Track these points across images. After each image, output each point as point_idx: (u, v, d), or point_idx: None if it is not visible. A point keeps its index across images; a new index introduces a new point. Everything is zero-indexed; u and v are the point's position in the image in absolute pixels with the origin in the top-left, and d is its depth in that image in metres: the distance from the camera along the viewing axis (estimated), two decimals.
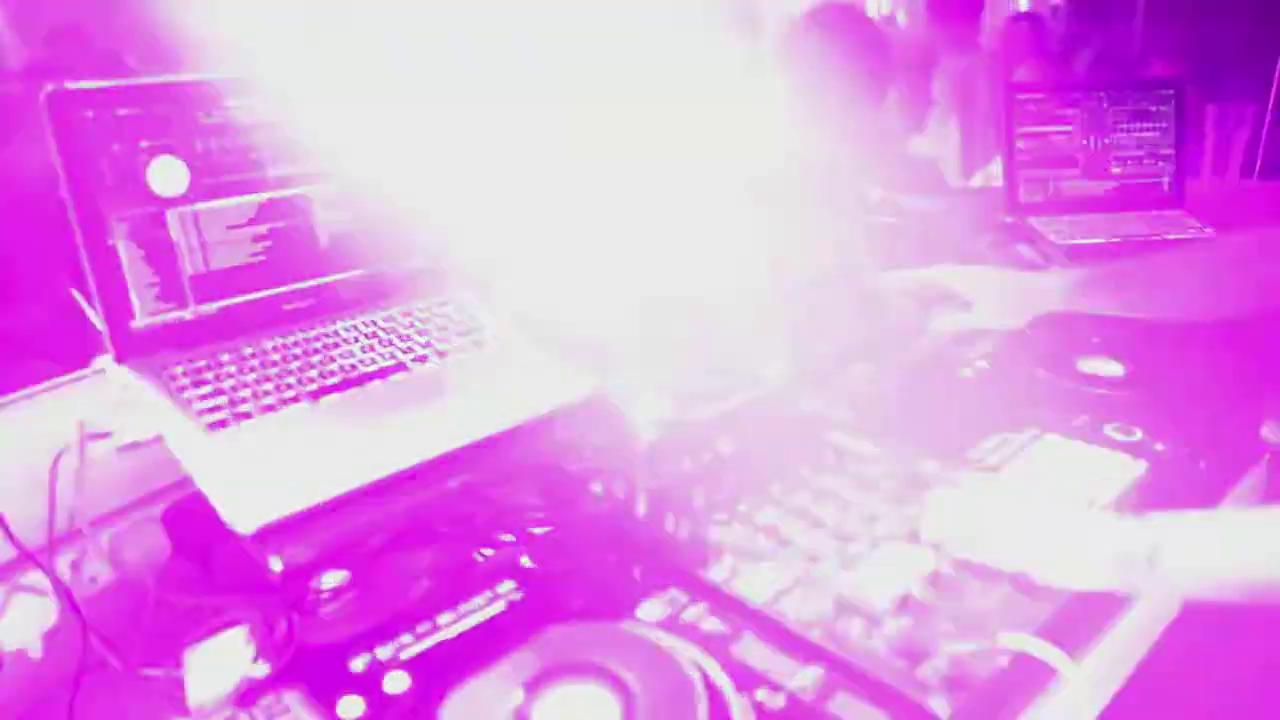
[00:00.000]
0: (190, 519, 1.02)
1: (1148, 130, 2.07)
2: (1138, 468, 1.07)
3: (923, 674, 0.76)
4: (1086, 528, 0.86)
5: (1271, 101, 2.54)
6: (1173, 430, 1.14)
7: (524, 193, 1.39)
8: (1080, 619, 0.90)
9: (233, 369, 1.00)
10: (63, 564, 0.97)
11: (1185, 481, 1.09)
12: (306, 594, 0.96)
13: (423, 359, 1.07)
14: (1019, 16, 4.44)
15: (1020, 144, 2.03)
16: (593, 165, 1.42)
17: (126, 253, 0.99)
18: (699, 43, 1.81)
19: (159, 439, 0.94)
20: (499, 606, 0.84)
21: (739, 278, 1.35)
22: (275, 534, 0.85)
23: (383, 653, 0.78)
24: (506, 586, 0.86)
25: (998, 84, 2.10)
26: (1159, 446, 1.12)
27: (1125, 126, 2.06)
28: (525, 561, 0.92)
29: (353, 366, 1.04)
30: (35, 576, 0.96)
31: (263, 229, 1.08)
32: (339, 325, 1.10)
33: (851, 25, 2.21)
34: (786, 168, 1.71)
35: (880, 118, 2.33)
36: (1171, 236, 1.91)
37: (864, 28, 2.25)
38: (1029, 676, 0.81)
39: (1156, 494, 1.04)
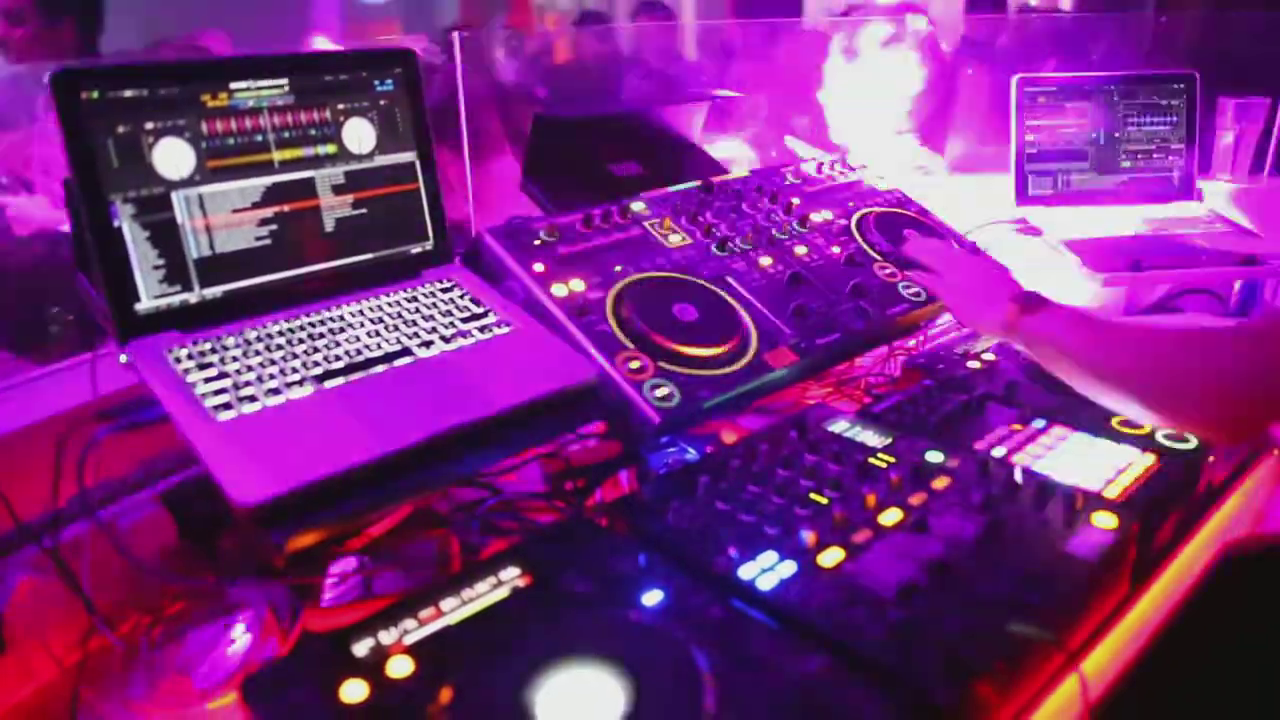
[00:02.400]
0: (194, 501, 1.02)
1: (1159, 124, 2.06)
2: (1146, 461, 1.07)
3: (927, 662, 0.76)
4: (995, 280, 1.18)
5: None
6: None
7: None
8: (1086, 615, 0.90)
9: (238, 352, 1.00)
10: (68, 545, 0.97)
11: (1194, 476, 1.08)
12: (310, 577, 0.96)
13: (428, 344, 1.07)
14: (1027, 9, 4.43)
15: (1030, 137, 2.02)
16: None
17: (131, 235, 0.99)
18: None
19: (164, 421, 0.94)
20: (503, 593, 0.83)
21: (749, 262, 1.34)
22: (279, 516, 0.84)
23: (386, 637, 0.77)
24: (511, 572, 0.86)
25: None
26: (1168, 440, 1.11)
27: (1136, 120, 2.05)
28: (529, 547, 0.91)
29: (358, 351, 1.04)
30: (40, 557, 0.96)
31: (268, 212, 1.08)
32: (344, 310, 1.10)
33: None
34: None
35: None
36: (1181, 232, 1.91)
37: None
38: (1034, 669, 0.81)
39: (1165, 488, 1.03)
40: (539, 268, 1.22)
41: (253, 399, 0.94)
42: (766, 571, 0.86)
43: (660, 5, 4.04)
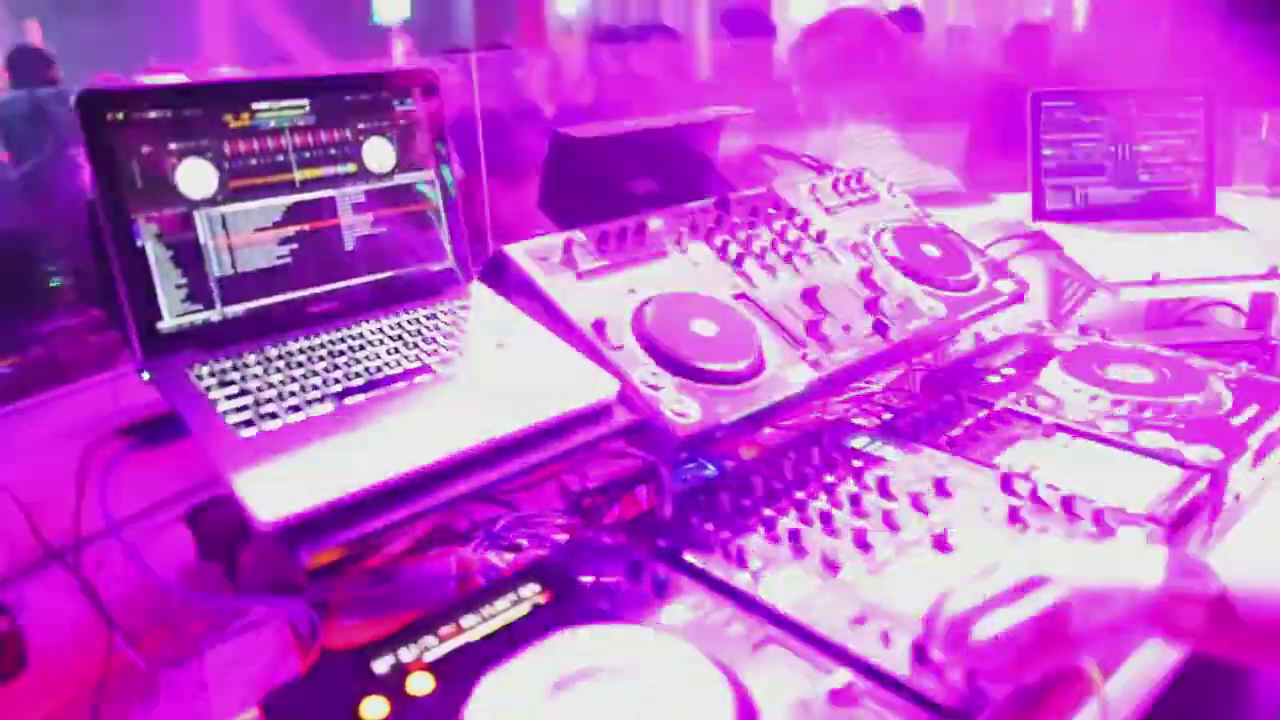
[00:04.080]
0: (215, 520, 1.03)
1: (1176, 137, 2.05)
2: (1172, 475, 1.06)
3: (948, 681, 0.75)
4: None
5: None
6: (1206, 438, 1.12)
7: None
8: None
9: (259, 370, 1.01)
10: (89, 563, 0.97)
11: (1219, 491, 1.07)
12: (331, 594, 0.96)
13: (447, 360, 1.07)
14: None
15: (1047, 151, 2.01)
16: None
17: (154, 254, 1.00)
18: None
19: (186, 439, 0.94)
20: (523, 610, 0.83)
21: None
22: (299, 534, 0.84)
23: (406, 654, 0.77)
24: (530, 589, 0.85)
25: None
26: (1192, 454, 1.10)
27: (1153, 133, 2.04)
28: (549, 564, 0.91)
29: (378, 368, 1.04)
30: (62, 576, 0.97)
31: (289, 231, 1.09)
32: (364, 327, 1.11)
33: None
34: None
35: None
36: (1200, 244, 1.89)
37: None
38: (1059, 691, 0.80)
39: (1191, 503, 1.02)
40: (557, 284, 1.22)
41: (274, 416, 0.95)
42: (787, 587, 0.86)
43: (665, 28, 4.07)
